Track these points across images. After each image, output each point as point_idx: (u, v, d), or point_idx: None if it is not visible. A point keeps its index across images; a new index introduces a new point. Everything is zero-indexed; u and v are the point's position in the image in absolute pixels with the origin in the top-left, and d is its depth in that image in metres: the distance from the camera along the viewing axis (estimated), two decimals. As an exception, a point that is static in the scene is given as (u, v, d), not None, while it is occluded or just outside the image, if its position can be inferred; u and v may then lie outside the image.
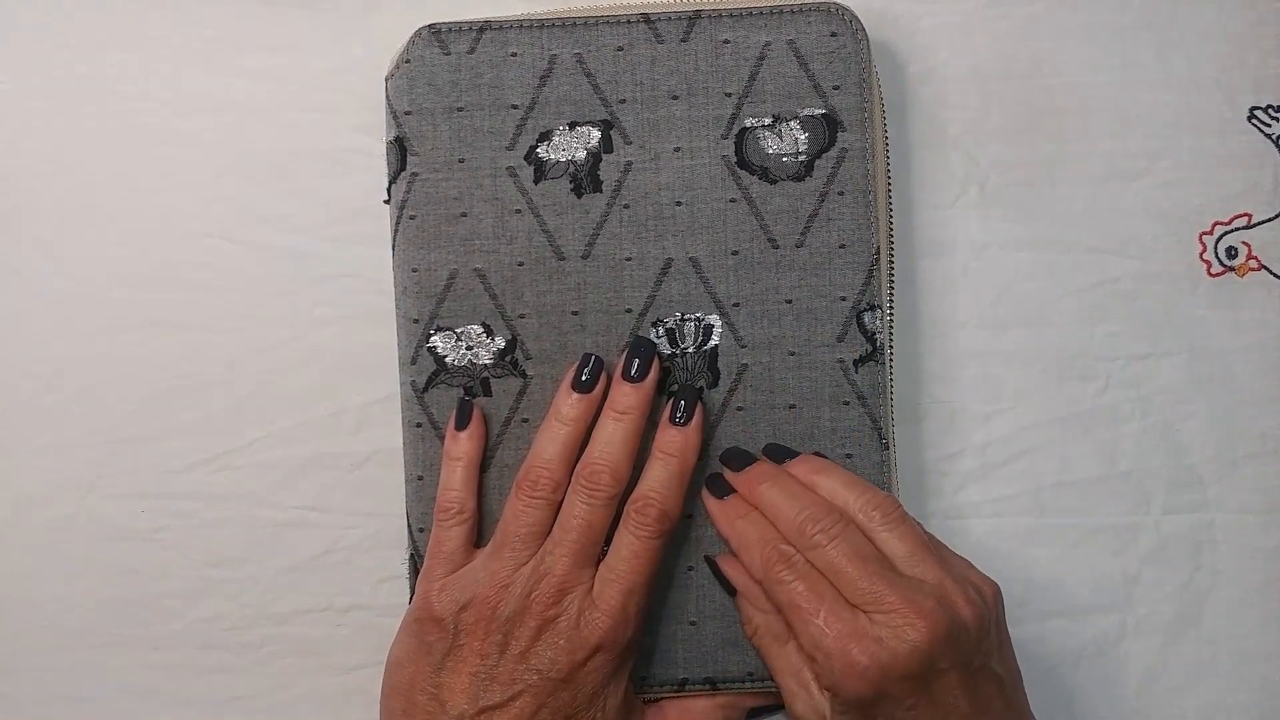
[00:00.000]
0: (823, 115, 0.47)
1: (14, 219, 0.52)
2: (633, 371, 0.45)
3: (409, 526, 0.48)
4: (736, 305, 0.47)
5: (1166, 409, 0.51)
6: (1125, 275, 0.52)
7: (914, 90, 0.52)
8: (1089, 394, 0.51)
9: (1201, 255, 0.52)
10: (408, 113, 0.47)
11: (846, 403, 0.47)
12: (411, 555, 0.48)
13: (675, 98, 0.47)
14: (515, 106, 0.47)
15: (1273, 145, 0.52)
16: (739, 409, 0.47)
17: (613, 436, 0.44)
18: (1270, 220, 0.52)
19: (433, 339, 0.47)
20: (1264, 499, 0.51)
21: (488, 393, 0.47)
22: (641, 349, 0.45)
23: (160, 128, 0.52)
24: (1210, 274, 0.52)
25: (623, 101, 0.47)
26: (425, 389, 0.47)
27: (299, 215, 0.52)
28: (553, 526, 0.44)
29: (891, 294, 0.48)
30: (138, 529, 0.51)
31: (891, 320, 0.48)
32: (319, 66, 0.52)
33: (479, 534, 0.47)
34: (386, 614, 0.51)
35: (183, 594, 0.51)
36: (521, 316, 0.47)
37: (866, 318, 0.47)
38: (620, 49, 0.47)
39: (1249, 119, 0.52)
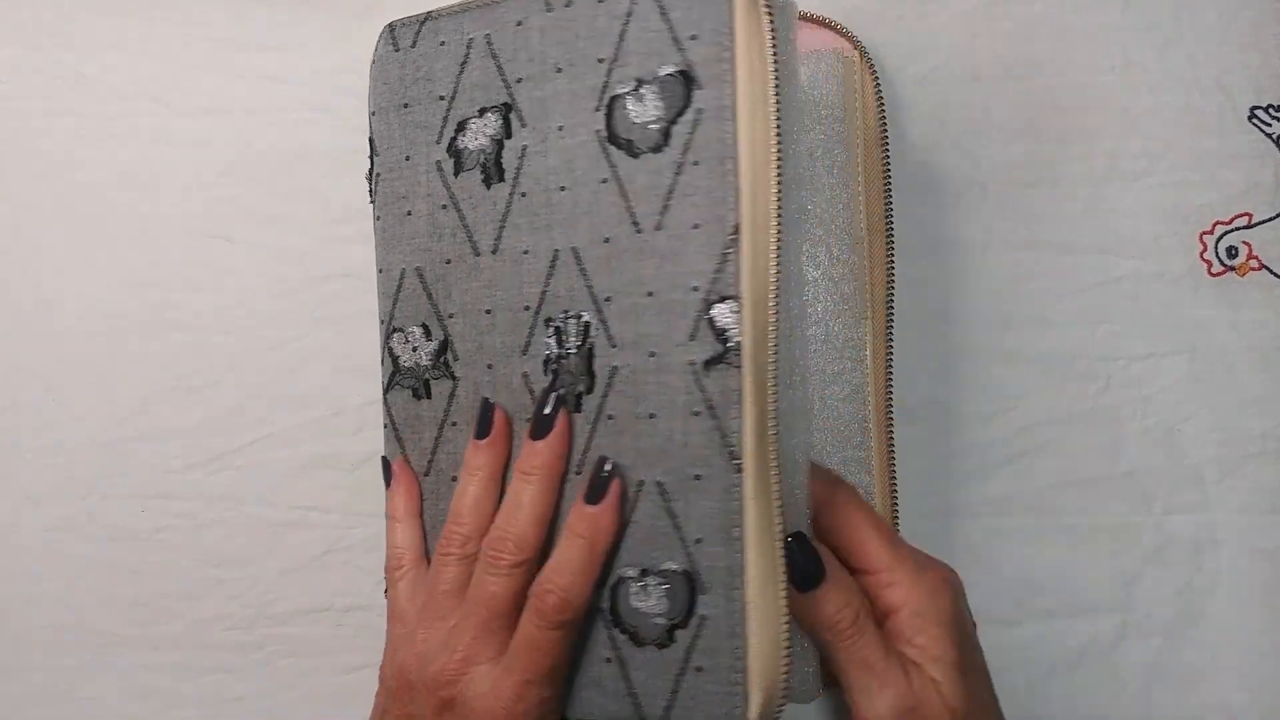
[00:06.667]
0: (679, 72, 0.39)
1: (14, 219, 0.52)
2: (536, 429, 0.41)
3: None
4: (609, 299, 0.40)
5: (1167, 409, 0.51)
6: (1126, 275, 0.51)
7: (915, 91, 0.52)
8: (1089, 394, 0.51)
9: (1202, 255, 0.52)
10: (373, 113, 0.46)
11: (697, 412, 0.38)
12: None
13: (559, 70, 0.41)
14: (442, 98, 0.44)
15: (1273, 145, 0.52)
16: (610, 417, 0.40)
17: (519, 499, 0.41)
18: (1271, 220, 0.52)
19: (391, 340, 0.46)
20: (1264, 499, 0.51)
21: (428, 395, 0.45)
22: (545, 404, 0.41)
23: (160, 128, 0.52)
24: (1211, 274, 0.52)
25: (519, 81, 0.42)
26: (387, 390, 0.47)
27: (299, 215, 0.52)
28: None
29: (891, 295, 0.48)
30: (138, 529, 0.51)
31: (891, 322, 0.48)
32: (319, 66, 0.52)
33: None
34: (386, 614, 0.51)
35: (183, 594, 0.51)
36: (451, 316, 0.44)
37: (717, 311, 0.38)
38: (519, 24, 0.42)
39: (1250, 119, 0.52)
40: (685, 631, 0.39)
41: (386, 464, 0.46)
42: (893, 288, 0.49)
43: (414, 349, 0.45)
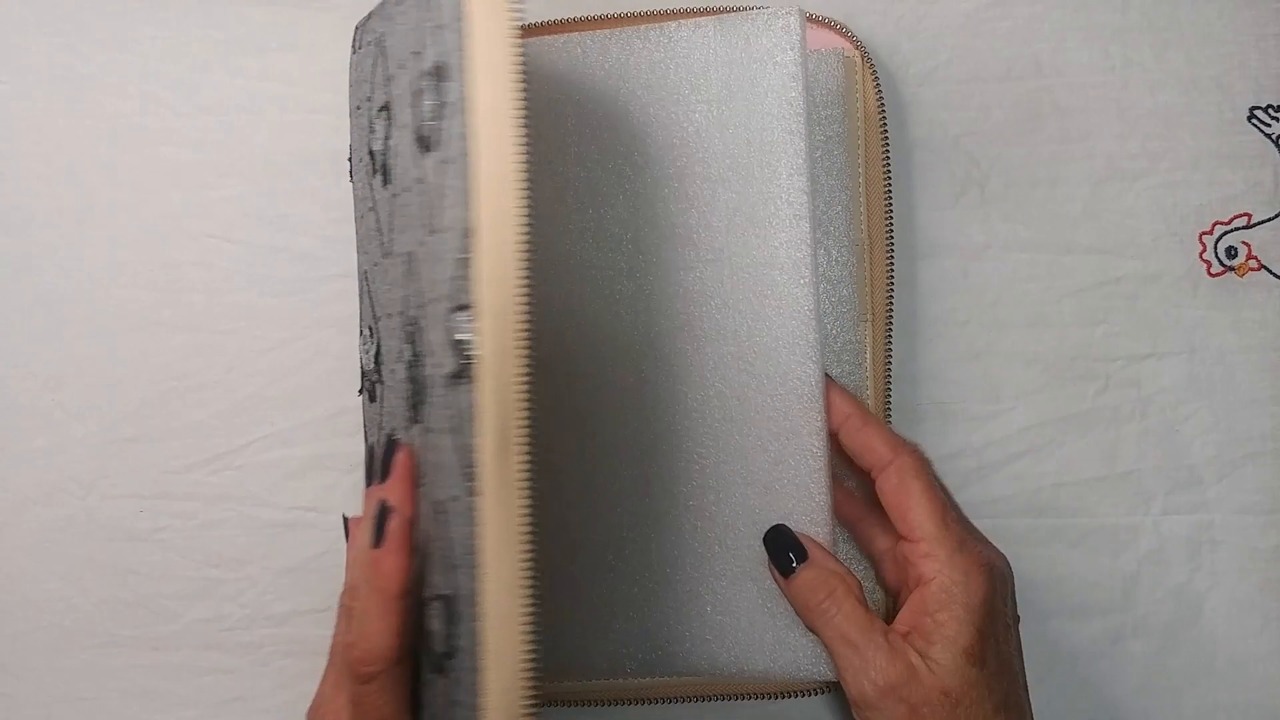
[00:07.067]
0: (435, 65, 0.36)
1: (14, 219, 0.52)
2: (379, 472, 0.39)
3: None
4: (422, 306, 0.37)
5: (1166, 409, 0.51)
6: (1125, 276, 0.52)
7: (915, 91, 0.52)
8: (1089, 394, 0.51)
9: (1201, 255, 0.52)
10: (349, 116, 0.46)
11: (451, 429, 0.36)
12: None
13: (402, 66, 0.39)
14: (369, 99, 0.42)
15: (1273, 145, 0.52)
16: (428, 430, 0.38)
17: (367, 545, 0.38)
18: (1270, 220, 0.52)
19: (358, 342, 0.46)
20: (1264, 499, 0.51)
21: (375, 398, 0.44)
22: (383, 445, 0.39)
23: (160, 128, 0.52)
24: (1210, 274, 0.52)
25: (390, 79, 0.40)
26: (360, 392, 0.47)
27: (299, 215, 0.52)
28: None
29: (891, 296, 0.48)
30: (138, 529, 0.51)
31: (890, 324, 0.48)
32: (319, 66, 0.52)
33: None
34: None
35: (183, 594, 0.51)
36: (378, 319, 0.42)
37: (455, 320, 0.35)
38: (393, 19, 0.40)
39: (1249, 119, 0.52)
40: (452, 661, 0.36)
41: (346, 521, 0.45)
42: (892, 289, 0.48)
43: (366, 352, 0.45)
